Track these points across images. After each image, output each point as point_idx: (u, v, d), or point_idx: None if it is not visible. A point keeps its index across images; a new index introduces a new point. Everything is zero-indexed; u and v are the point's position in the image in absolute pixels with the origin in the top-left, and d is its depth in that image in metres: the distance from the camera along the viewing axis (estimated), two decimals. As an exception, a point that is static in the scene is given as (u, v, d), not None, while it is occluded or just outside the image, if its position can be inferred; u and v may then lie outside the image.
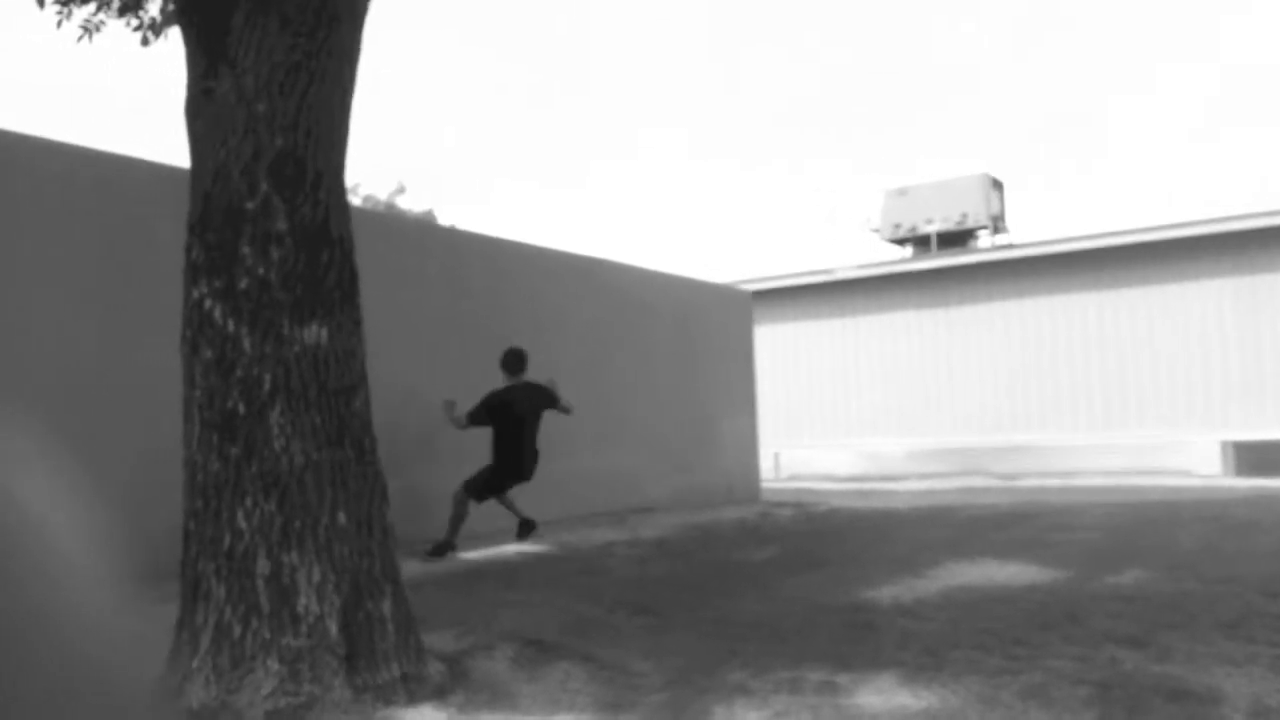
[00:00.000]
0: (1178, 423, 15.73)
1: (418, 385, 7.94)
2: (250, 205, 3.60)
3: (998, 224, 20.40)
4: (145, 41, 4.77)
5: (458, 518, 7.16)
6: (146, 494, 5.69)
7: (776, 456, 18.93)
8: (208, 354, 3.57)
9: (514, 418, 7.44)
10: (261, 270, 3.58)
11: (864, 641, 4.25)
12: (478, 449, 7.72)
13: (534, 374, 8.01)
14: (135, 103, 55.61)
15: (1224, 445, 15.12)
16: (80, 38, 4.78)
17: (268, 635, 3.32)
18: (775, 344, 19.49)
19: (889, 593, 5.38)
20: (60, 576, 0.58)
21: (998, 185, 20.70)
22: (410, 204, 32.86)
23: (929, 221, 20.66)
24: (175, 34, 4.45)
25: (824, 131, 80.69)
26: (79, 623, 0.58)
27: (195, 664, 3.33)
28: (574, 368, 9.84)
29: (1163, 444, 15.70)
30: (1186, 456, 15.40)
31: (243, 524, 3.43)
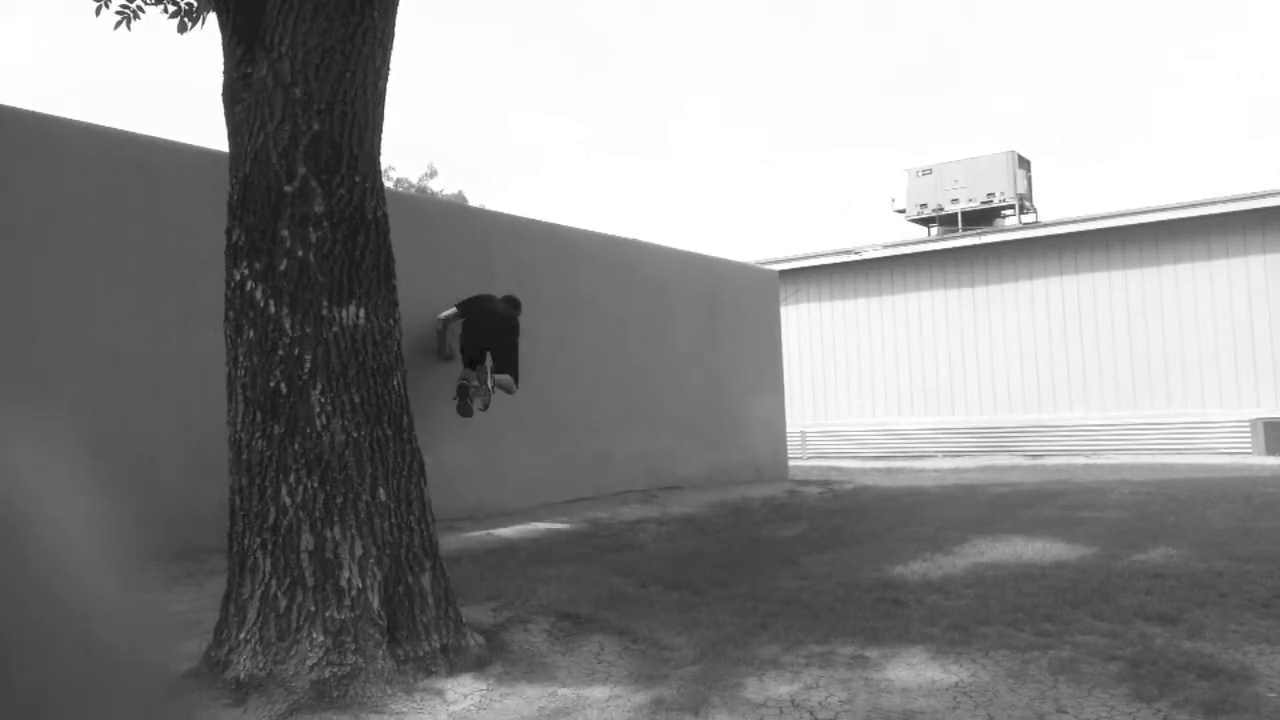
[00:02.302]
0: (1207, 401, 15.60)
1: (452, 364, 8.02)
2: (288, 188, 3.67)
3: (1024, 203, 20.16)
4: (182, 28, 4.82)
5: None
6: (192, 472, 5.81)
7: (803, 435, 18.94)
8: (250, 334, 3.64)
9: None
10: (300, 252, 3.64)
11: (893, 617, 4.29)
12: (511, 430, 7.81)
13: (561, 351, 8.17)
14: (149, 87, 55.96)
15: (1254, 423, 14.99)
16: (118, 24, 4.83)
17: (312, 608, 3.41)
18: (802, 323, 19.46)
19: (917, 569, 5.42)
20: (95, 559, 0.62)
21: (1025, 163, 20.44)
22: (441, 186, 32.98)
23: (954, 201, 20.48)
24: (212, 20, 4.51)
25: (848, 112, 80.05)
26: (112, 605, 0.62)
27: (242, 635, 3.43)
28: (602, 346, 9.91)
29: (1192, 422, 15.58)
30: (1216, 435, 15.29)
31: (286, 500, 3.51)
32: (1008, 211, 20.43)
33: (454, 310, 7.91)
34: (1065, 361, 16.91)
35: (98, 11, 4.91)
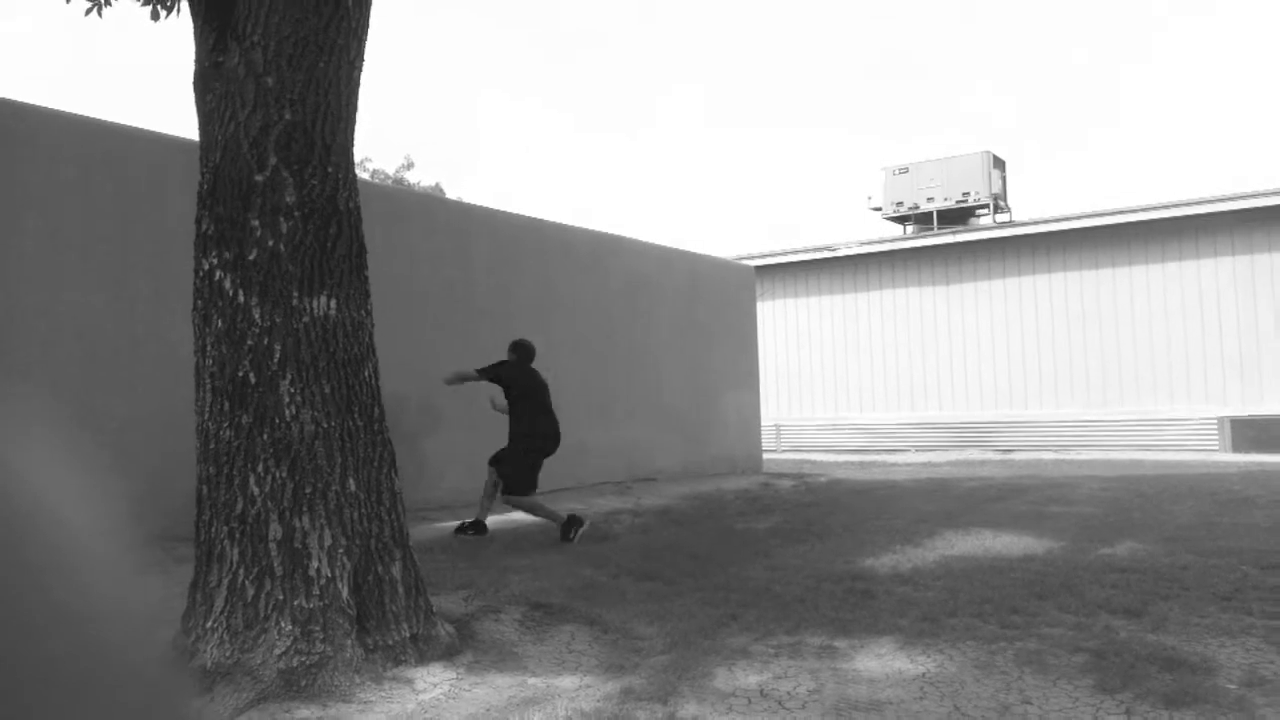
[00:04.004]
0: (1175, 398, 15.79)
1: (425, 357, 8.00)
2: (259, 178, 3.65)
3: (999, 202, 20.31)
4: (155, 16, 4.77)
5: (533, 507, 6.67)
6: (161, 459, 5.76)
7: (778, 429, 19.02)
8: (219, 324, 3.62)
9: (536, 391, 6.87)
10: (271, 242, 3.62)
11: (863, 608, 4.33)
12: (485, 420, 7.79)
13: (539, 343, 8.10)
14: (122, 73, 55.30)
15: (1221, 421, 15.19)
16: (89, 11, 4.78)
17: (280, 597, 3.40)
18: (778, 318, 19.54)
19: (888, 562, 5.47)
20: (70, 547, 0.62)
21: (999, 163, 20.59)
22: (418, 178, 32.79)
23: (930, 199, 20.60)
24: (185, 8, 4.47)
25: (830, 103, 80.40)
26: (89, 592, 0.62)
27: (209, 624, 3.41)
28: (580, 339, 9.90)
29: (1160, 419, 15.76)
30: (1184, 432, 15.48)
31: (255, 489, 3.50)
32: (982, 211, 20.57)
33: (475, 374, 6.64)
34: (1037, 359, 17.07)
35: (68, -2, 4.86)
